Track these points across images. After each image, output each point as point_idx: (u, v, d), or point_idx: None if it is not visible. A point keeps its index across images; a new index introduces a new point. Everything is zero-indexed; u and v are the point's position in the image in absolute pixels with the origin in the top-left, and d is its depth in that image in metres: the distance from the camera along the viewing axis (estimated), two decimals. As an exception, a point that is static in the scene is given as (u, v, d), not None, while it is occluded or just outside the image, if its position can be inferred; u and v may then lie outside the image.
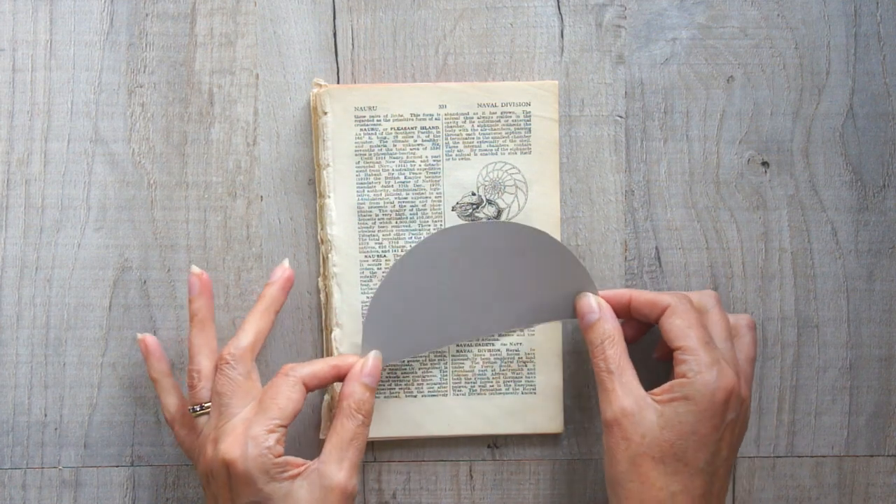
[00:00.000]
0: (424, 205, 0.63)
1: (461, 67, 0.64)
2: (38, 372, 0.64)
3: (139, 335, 0.62)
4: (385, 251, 0.63)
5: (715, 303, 0.60)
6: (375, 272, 0.63)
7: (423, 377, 0.63)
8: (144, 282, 0.64)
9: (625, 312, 0.61)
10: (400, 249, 0.63)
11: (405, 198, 0.63)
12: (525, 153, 0.63)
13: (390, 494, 0.65)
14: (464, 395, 0.63)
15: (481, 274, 0.60)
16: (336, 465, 0.57)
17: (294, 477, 0.56)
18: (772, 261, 0.64)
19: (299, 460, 0.57)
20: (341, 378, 0.59)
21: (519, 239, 0.60)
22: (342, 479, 0.56)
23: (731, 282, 0.64)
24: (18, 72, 0.64)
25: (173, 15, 0.64)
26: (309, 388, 0.58)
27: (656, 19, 0.64)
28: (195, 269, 0.62)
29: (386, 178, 0.63)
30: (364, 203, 0.63)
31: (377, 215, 0.63)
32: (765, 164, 0.64)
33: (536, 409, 0.63)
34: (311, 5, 0.64)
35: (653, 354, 0.63)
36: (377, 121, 0.63)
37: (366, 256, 0.63)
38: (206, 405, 0.59)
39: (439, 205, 0.63)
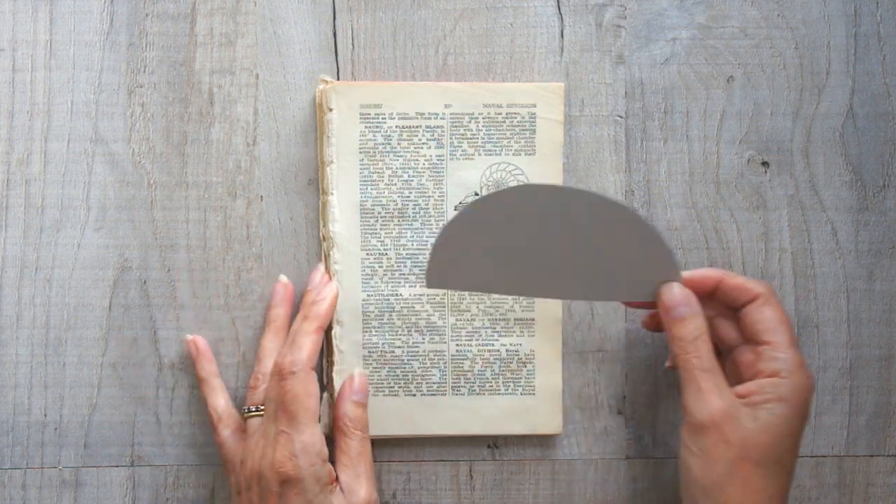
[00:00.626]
0: (427, 203, 0.63)
1: (461, 67, 0.64)
2: (38, 372, 0.64)
3: (188, 336, 0.63)
4: (387, 249, 0.63)
5: (772, 294, 0.58)
6: (377, 269, 0.63)
7: (423, 376, 0.63)
8: (144, 282, 0.64)
9: (707, 295, 0.58)
10: (402, 248, 0.63)
11: (408, 196, 0.63)
12: (529, 154, 0.63)
13: (390, 494, 0.65)
14: (462, 395, 0.63)
15: (558, 237, 0.58)
16: (355, 481, 0.59)
17: (333, 489, 0.58)
18: (772, 261, 0.64)
19: (332, 470, 0.59)
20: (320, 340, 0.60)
21: (602, 210, 0.57)
22: (364, 494, 0.59)
23: (731, 282, 0.64)
24: (18, 72, 0.64)
25: (173, 15, 0.64)
26: (313, 369, 0.59)
27: (656, 19, 0.64)
28: (283, 278, 0.63)
29: (389, 175, 0.63)
30: (367, 200, 0.63)
31: (380, 213, 0.63)
32: (765, 164, 0.64)
33: (536, 409, 0.63)
34: (311, 5, 0.64)
35: (665, 364, 0.62)
36: (382, 118, 0.63)
37: (367, 254, 0.63)
38: (261, 407, 0.60)
39: (442, 204, 0.63)
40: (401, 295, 0.63)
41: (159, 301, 0.64)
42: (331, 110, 0.62)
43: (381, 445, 0.65)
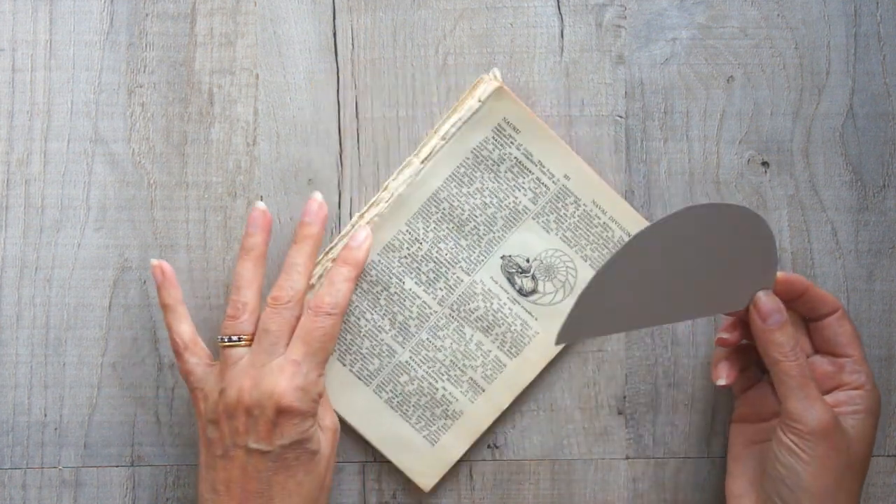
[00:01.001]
0: (484, 234, 0.63)
1: (461, 67, 0.64)
2: (37, 372, 0.64)
3: (154, 261, 0.61)
4: (425, 240, 0.63)
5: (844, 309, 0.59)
6: (402, 248, 0.63)
7: (364, 358, 0.63)
8: (144, 282, 0.64)
9: (790, 303, 0.58)
10: (437, 250, 0.63)
11: (477, 217, 0.63)
12: (586, 261, 0.63)
13: (390, 494, 0.65)
14: (380, 399, 0.63)
15: (690, 260, 0.57)
16: (323, 410, 0.61)
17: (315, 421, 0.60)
18: (772, 261, 0.64)
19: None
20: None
21: (723, 218, 0.56)
22: (329, 421, 0.61)
23: (731, 282, 0.64)
24: (18, 72, 0.64)
25: (173, 15, 0.64)
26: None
27: (656, 19, 0.64)
28: (261, 204, 0.61)
29: (476, 188, 0.63)
30: (443, 191, 0.63)
31: (444, 209, 0.63)
32: (765, 164, 0.64)
33: (424, 458, 0.63)
34: (311, 5, 0.64)
35: (720, 335, 0.59)
36: (510, 142, 0.63)
37: (407, 230, 0.63)
38: (244, 337, 0.59)
39: (494, 246, 0.63)
40: (404, 283, 0.63)
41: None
42: (480, 102, 0.62)
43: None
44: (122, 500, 0.65)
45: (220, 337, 0.60)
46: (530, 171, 0.63)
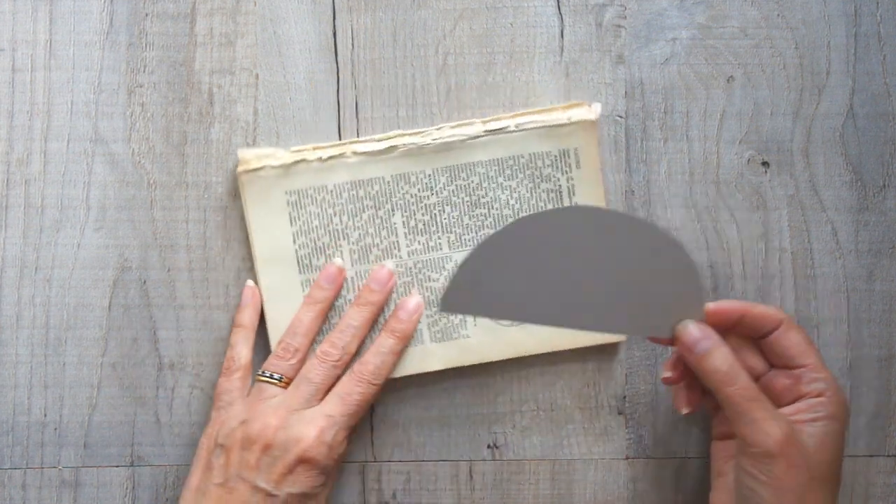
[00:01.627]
0: (487, 224, 0.63)
1: (461, 67, 0.64)
2: (37, 372, 0.64)
3: (250, 283, 0.63)
4: (435, 193, 0.63)
5: (790, 318, 0.58)
6: (413, 185, 0.63)
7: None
8: (144, 282, 0.64)
9: (730, 328, 0.57)
10: (439, 211, 0.63)
11: (493, 207, 0.63)
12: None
13: (390, 494, 0.65)
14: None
15: (594, 264, 0.55)
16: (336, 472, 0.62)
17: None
18: (772, 261, 0.64)
19: None
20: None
21: (644, 238, 0.55)
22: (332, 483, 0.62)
23: (731, 282, 0.64)
24: (18, 72, 0.64)
25: (173, 15, 0.64)
26: None
27: (656, 19, 0.64)
28: (338, 261, 0.63)
29: (510, 186, 0.63)
30: (480, 168, 0.63)
31: (473, 183, 0.63)
32: (765, 164, 0.64)
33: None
34: (311, 5, 0.64)
35: (663, 375, 0.59)
36: (567, 170, 0.63)
37: (430, 175, 0.63)
38: (284, 378, 0.61)
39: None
40: (393, 215, 0.63)
41: (159, 301, 0.64)
42: (569, 120, 0.62)
43: (381, 445, 0.65)
44: (122, 500, 0.65)
45: (261, 370, 0.61)
46: (562, 206, 0.63)
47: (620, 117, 0.64)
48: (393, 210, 0.63)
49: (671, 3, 0.64)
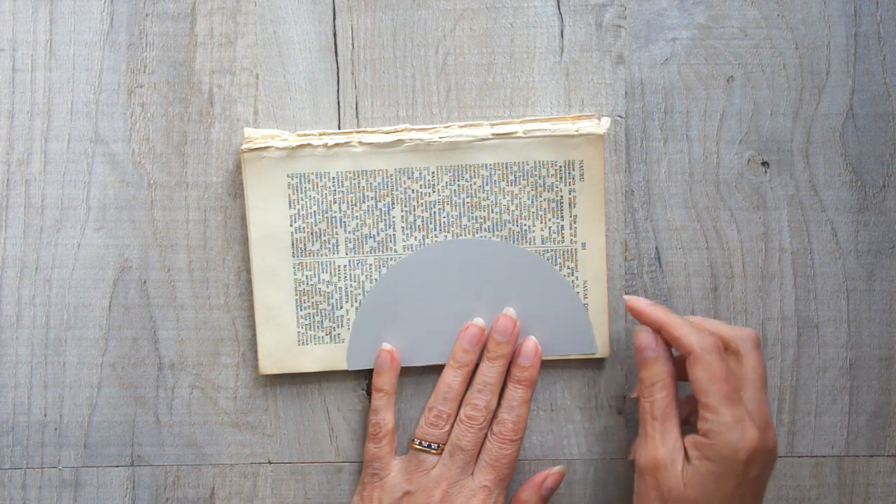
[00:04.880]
0: (485, 228, 0.63)
1: (461, 67, 0.64)
2: (37, 372, 0.64)
3: (387, 345, 0.63)
4: (436, 191, 0.63)
5: (752, 347, 0.57)
6: (416, 181, 0.63)
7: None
8: (144, 282, 0.64)
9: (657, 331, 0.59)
10: (438, 208, 0.63)
11: (492, 210, 0.63)
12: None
13: (390, 494, 0.65)
14: None
15: (477, 294, 0.62)
16: None
17: None
18: (772, 261, 0.64)
19: None
20: None
21: (515, 262, 0.61)
22: None
23: (731, 282, 0.64)
24: (18, 72, 0.64)
25: (173, 15, 0.64)
26: None
27: (656, 19, 0.64)
28: (479, 321, 0.63)
29: (511, 191, 0.63)
30: (484, 171, 0.63)
31: (476, 185, 0.63)
32: (765, 164, 0.64)
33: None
34: (311, 5, 0.64)
35: (632, 394, 0.62)
36: (570, 182, 0.63)
37: (433, 173, 0.63)
38: (440, 445, 0.61)
39: None
40: (392, 208, 0.63)
41: (159, 301, 0.64)
42: (577, 132, 0.62)
43: (381, 445, 0.65)
44: (122, 500, 0.65)
45: (416, 440, 0.62)
46: (561, 217, 0.63)
47: (620, 117, 0.64)
48: (393, 203, 0.63)
49: (671, 3, 0.64)
